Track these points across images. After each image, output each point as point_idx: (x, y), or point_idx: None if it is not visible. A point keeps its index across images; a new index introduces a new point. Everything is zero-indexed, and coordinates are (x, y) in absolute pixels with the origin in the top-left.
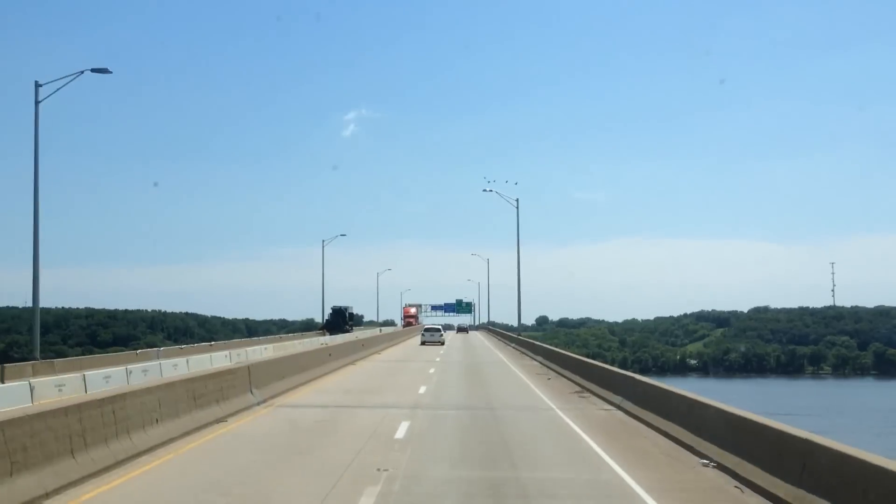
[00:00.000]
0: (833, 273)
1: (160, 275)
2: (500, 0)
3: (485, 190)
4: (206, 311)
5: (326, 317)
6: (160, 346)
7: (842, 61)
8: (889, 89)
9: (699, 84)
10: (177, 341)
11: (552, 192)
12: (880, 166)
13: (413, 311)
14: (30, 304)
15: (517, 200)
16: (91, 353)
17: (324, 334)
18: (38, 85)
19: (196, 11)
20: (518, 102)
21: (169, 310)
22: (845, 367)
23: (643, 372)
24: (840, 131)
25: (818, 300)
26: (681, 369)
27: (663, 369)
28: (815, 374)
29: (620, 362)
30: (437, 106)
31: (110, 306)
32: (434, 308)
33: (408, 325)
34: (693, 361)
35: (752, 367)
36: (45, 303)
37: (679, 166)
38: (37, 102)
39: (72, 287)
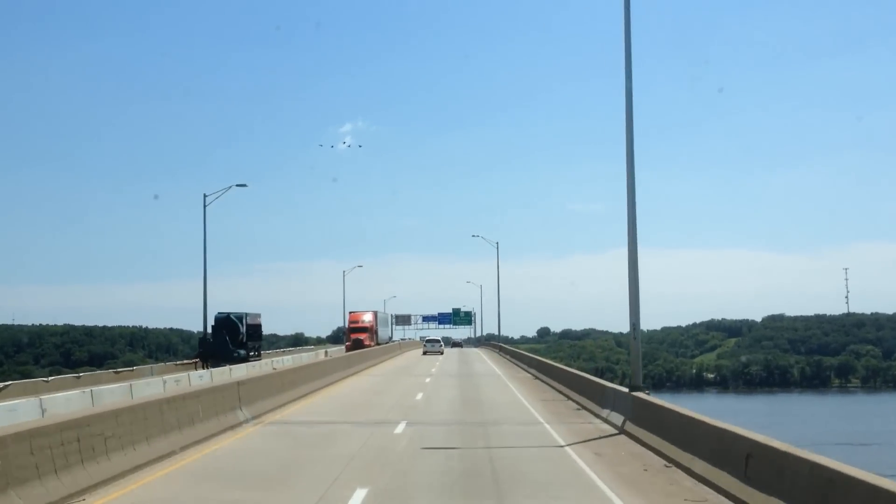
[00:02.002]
0: (847, 279)
1: (149, 291)
2: (497, 12)
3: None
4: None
5: (204, 334)
6: (140, 364)
7: (841, 68)
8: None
9: (698, 93)
10: (158, 359)
11: (549, 204)
12: (880, 173)
13: (368, 319)
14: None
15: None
16: (59, 373)
17: (197, 367)
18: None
19: (193, 23)
20: (515, 114)
21: (151, 326)
22: (875, 379)
23: (657, 388)
24: (840, 138)
25: (827, 308)
26: (697, 384)
27: (678, 384)
28: (843, 388)
29: (632, 377)
30: (433, 118)
31: (91, 323)
32: (426, 319)
33: (356, 345)
34: (710, 375)
35: (774, 380)
36: (22, 320)
37: (677, 176)
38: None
39: (55, 304)
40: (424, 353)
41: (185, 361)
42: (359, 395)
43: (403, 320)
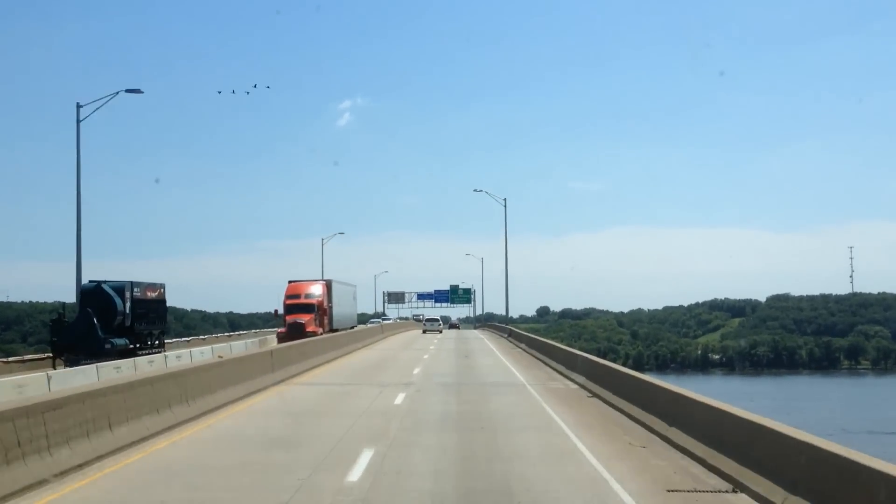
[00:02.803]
0: (852, 258)
1: (152, 268)
2: None
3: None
4: (202, 305)
5: (60, 314)
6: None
7: (842, 48)
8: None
9: (699, 75)
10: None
11: (550, 183)
12: (880, 154)
13: (315, 293)
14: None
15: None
16: (45, 352)
17: (54, 364)
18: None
19: (193, 4)
20: (516, 94)
21: None
22: (886, 361)
23: (661, 369)
24: (840, 119)
25: (829, 287)
26: (702, 365)
27: (683, 365)
28: (853, 369)
29: (635, 358)
30: (434, 96)
31: None
32: (422, 297)
33: (293, 331)
34: (716, 356)
35: (781, 362)
36: (16, 297)
37: (678, 156)
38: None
39: (48, 281)
40: (424, 331)
41: (33, 357)
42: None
43: (396, 298)
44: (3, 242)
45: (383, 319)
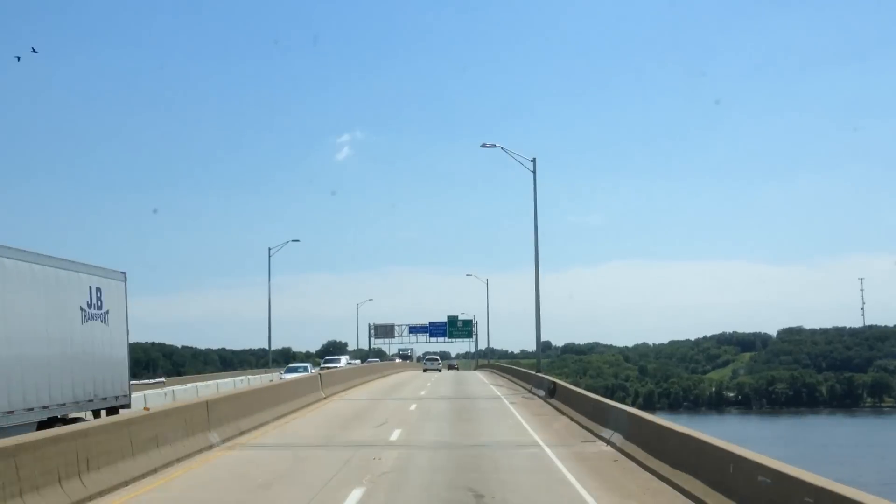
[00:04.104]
0: (862, 290)
1: (149, 305)
2: (496, 23)
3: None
4: (195, 342)
5: None
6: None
7: (838, 78)
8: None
9: (695, 104)
10: (135, 375)
11: (546, 216)
12: (876, 185)
13: None
14: None
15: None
16: None
17: None
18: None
19: (192, 36)
20: (512, 125)
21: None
22: None
23: (673, 408)
24: (837, 149)
25: (837, 320)
26: (717, 403)
27: (696, 404)
28: (876, 407)
29: (646, 396)
30: (430, 128)
31: None
32: (414, 330)
33: None
34: (731, 394)
35: (801, 399)
36: None
37: (675, 187)
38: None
39: None
40: (424, 370)
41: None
42: None
43: (385, 332)
44: None
45: (324, 365)
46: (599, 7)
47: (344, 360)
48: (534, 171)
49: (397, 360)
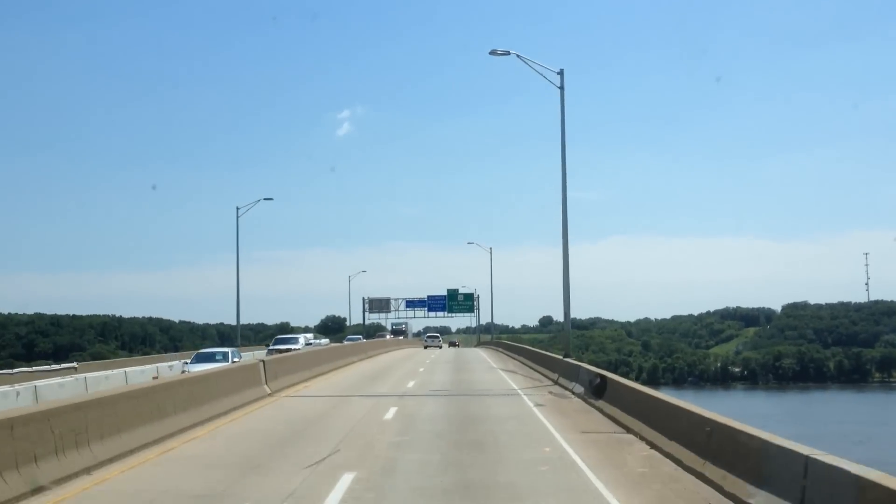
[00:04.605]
0: (867, 265)
1: (147, 280)
2: (496, 1)
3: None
4: (196, 317)
5: None
6: (112, 357)
7: (839, 55)
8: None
9: (696, 82)
10: (132, 350)
11: (546, 192)
12: (878, 161)
13: None
14: None
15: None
16: (11, 367)
17: None
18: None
19: (191, 13)
20: (512, 101)
21: (127, 315)
22: None
23: (678, 383)
24: (839, 126)
25: (840, 295)
26: (722, 379)
27: (702, 379)
28: (885, 382)
29: (650, 371)
30: (430, 104)
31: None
32: (411, 304)
33: None
34: (737, 369)
35: (808, 374)
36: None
37: (676, 164)
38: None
39: (35, 293)
40: (425, 347)
41: None
42: None
43: (380, 306)
44: None
45: (273, 347)
46: None
47: (303, 339)
48: (561, 87)
49: (388, 337)
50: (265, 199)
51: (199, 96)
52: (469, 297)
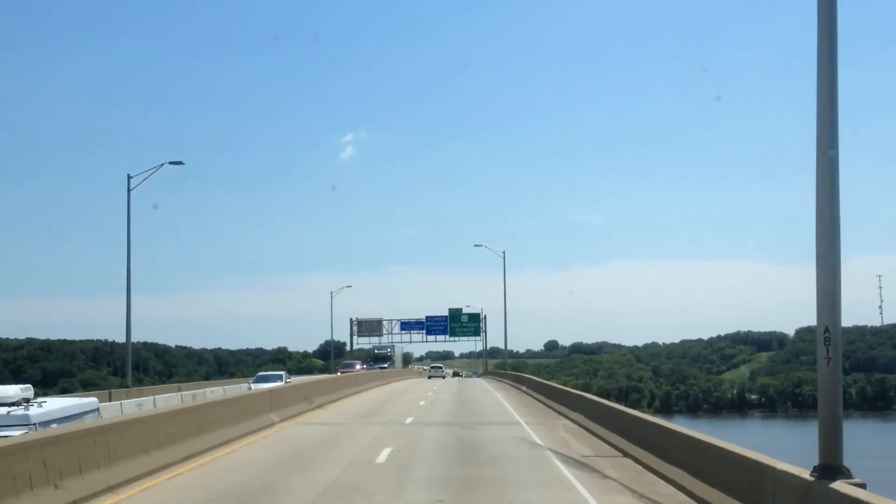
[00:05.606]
0: (881, 287)
1: (144, 305)
2: (496, 22)
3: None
4: (193, 342)
5: None
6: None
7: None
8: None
9: (696, 101)
10: (124, 377)
11: (549, 215)
12: (880, 183)
13: None
14: None
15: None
16: None
17: None
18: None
19: (193, 31)
20: (514, 123)
21: (120, 340)
22: None
23: (693, 411)
24: (845, 147)
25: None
26: (738, 406)
27: (717, 406)
28: None
29: (662, 399)
30: (432, 127)
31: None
32: (406, 326)
33: None
34: (754, 397)
35: None
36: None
37: (675, 185)
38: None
39: (35, 317)
40: (429, 377)
41: None
42: None
43: (370, 328)
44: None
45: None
46: (600, 4)
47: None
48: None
49: (358, 368)
50: (172, 162)
51: (201, 116)
52: (474, 318)
